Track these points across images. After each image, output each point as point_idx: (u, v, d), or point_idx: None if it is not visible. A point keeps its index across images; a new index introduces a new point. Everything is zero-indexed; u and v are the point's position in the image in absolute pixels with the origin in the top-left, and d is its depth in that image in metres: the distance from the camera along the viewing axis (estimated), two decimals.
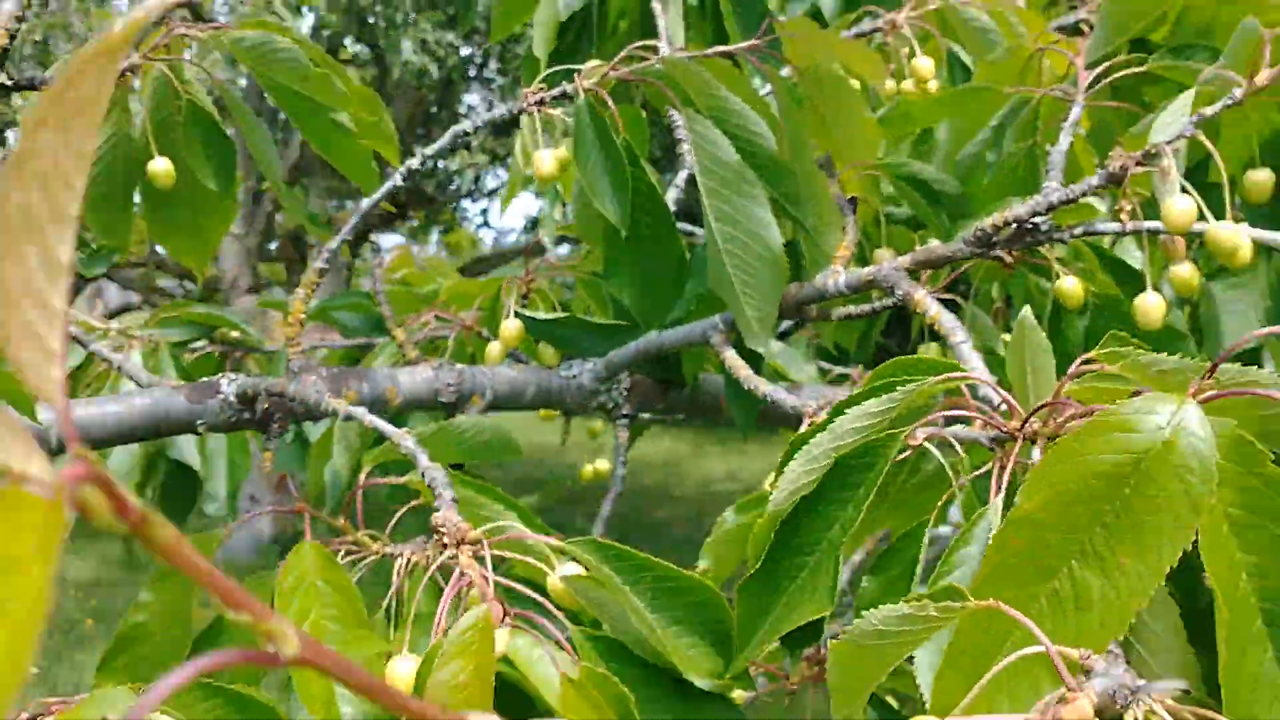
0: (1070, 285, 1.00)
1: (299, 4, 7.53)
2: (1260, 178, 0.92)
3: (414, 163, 1.12)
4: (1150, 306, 0.89)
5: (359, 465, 1.19)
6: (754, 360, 1.10)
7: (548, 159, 1.03)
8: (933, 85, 1.43)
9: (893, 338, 2.33)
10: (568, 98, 1.09)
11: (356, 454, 1.32)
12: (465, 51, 7.52)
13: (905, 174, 1.14)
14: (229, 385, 1.09)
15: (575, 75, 1.07)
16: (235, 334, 1.77)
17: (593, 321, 1.29)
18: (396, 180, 1.12)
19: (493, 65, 8.23)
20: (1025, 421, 0.62)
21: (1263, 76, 0.85)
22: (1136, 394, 0.55)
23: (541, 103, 1.09)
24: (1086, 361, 0.62)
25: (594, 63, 1.11)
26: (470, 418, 1.13)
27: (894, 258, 1.16)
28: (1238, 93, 0.86)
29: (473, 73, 8.39)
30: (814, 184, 1.04)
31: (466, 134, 1.11)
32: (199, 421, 1.08)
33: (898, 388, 0.60)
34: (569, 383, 1.30)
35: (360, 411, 0.93)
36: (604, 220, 1.07)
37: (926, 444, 0.68)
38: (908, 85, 1.44)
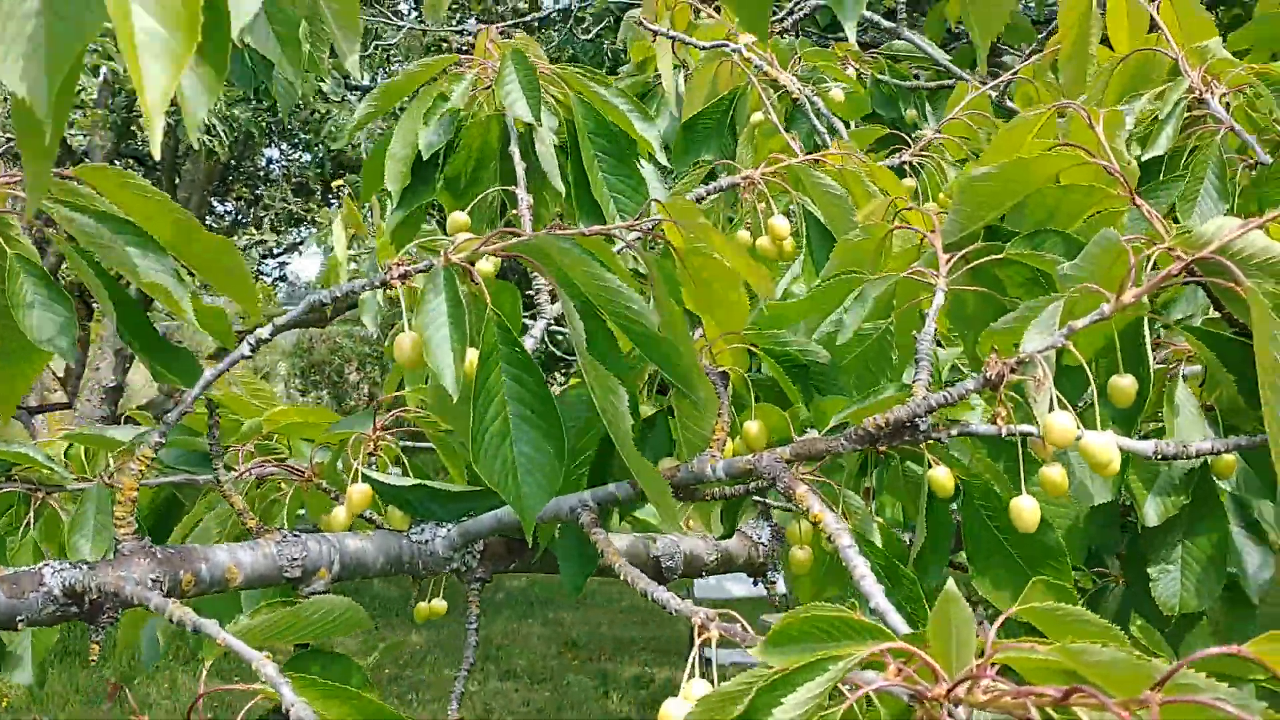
0: (942, 475, 1.01)
1: (95, 66, 7.24)
2: (1124, 383, 0.96)
3: (264, 333, 1.05)
4: (1025, 510, 0.91)
5: None
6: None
7: (408, 344, 0.97)
8: (788, 243, 1.45)
9: None
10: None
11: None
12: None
13: (774, 348, 1.14)
14: (53, 577, 0.98)
15: (443, 250, 1.03)
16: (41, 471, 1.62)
17: (446, 490, 1.23)
18: (244, 350, 1.04)
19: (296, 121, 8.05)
20: (951, 689, 0.61)
21: (1129, 295, 0.88)
22: (1073, 690, 0.55)
23: (406, 275, 1.04)
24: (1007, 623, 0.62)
25: (463, 234, 1.07)
26: (319, 599, 1.05)
27: (761, 429, 1.16)
28: (1106, 308, 0.89)
29: (274, 127, 8.19)
30: (691, 367, 1.02)
31: (324, 304, 1.05)
32: (19, 618, 0.97)
33: (829, 666, 0.58)
34: (420, 549, 1.24)
35: (210, 626, 0.85)
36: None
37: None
38: (764, 242, 1.46)
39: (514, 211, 1.40)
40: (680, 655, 6.61)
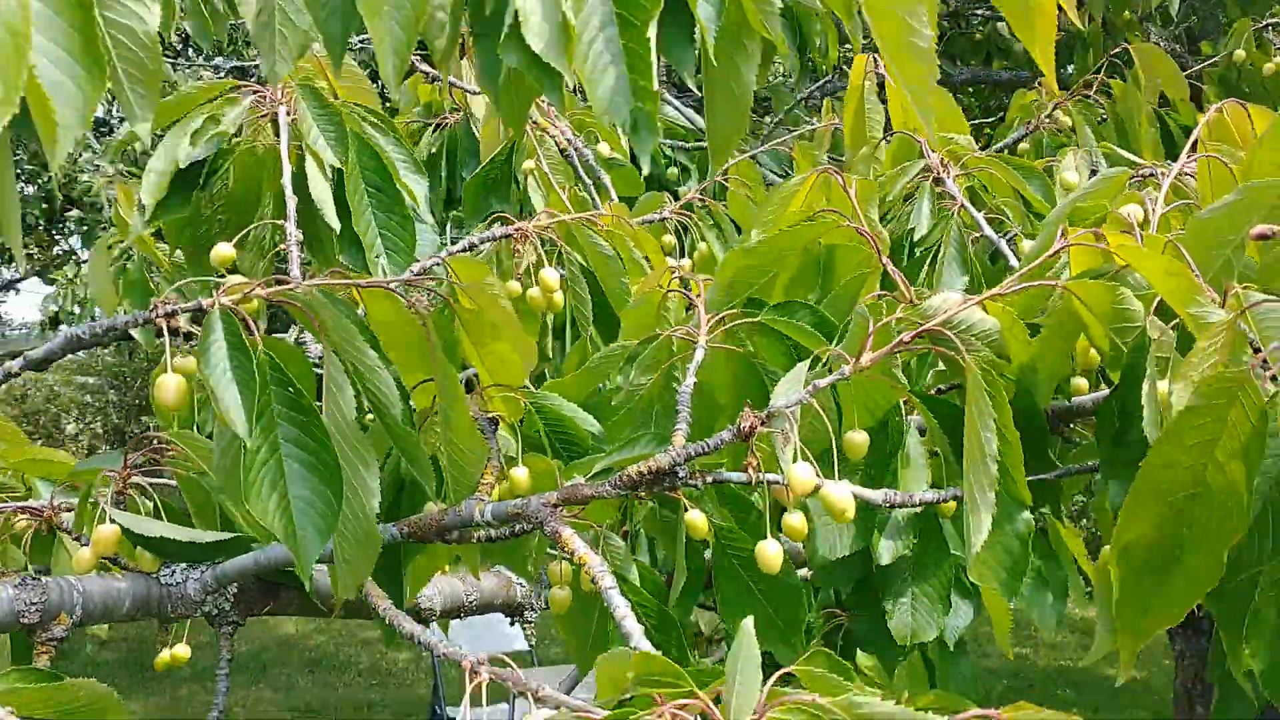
0: (696, 518, 1.07)
1: None
2: (857, 439, 1.05)
3: (14, 365, 1.01)
4: (770, 555, 0.98)
5: None
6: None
7: (171, 387, 0.95)
8: (558, 296, 1.50)
9: None
10: (202, 312, 1.03)
11: None
12: None
13: (541, 407, 1.18)
14: None
15: (213, 290, 1.02)
16: None
17: (196, 541, 1.20)
18: None
19: None
20: None
21: (866, 359, 0.98)
22: None
23: (173, 314, 1.02)
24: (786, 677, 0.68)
25: (235, 277, 1.06)
26: (80, 682, 0.99)
27: (528, 476, 1.19)
28: (846, 369, 0.98)
29: None
30: (458, 415, 1.05)
31: (81, 338, 1.02)
32: None
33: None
34: (170, 591, 1.20)
35: None
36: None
37: None
38: (534, 293, 1.50)
39: (282, 246, 1.39)
40: (420, 718, 6.44)
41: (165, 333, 1.01)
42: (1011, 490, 0.97)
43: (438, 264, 1.16)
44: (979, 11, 4.64)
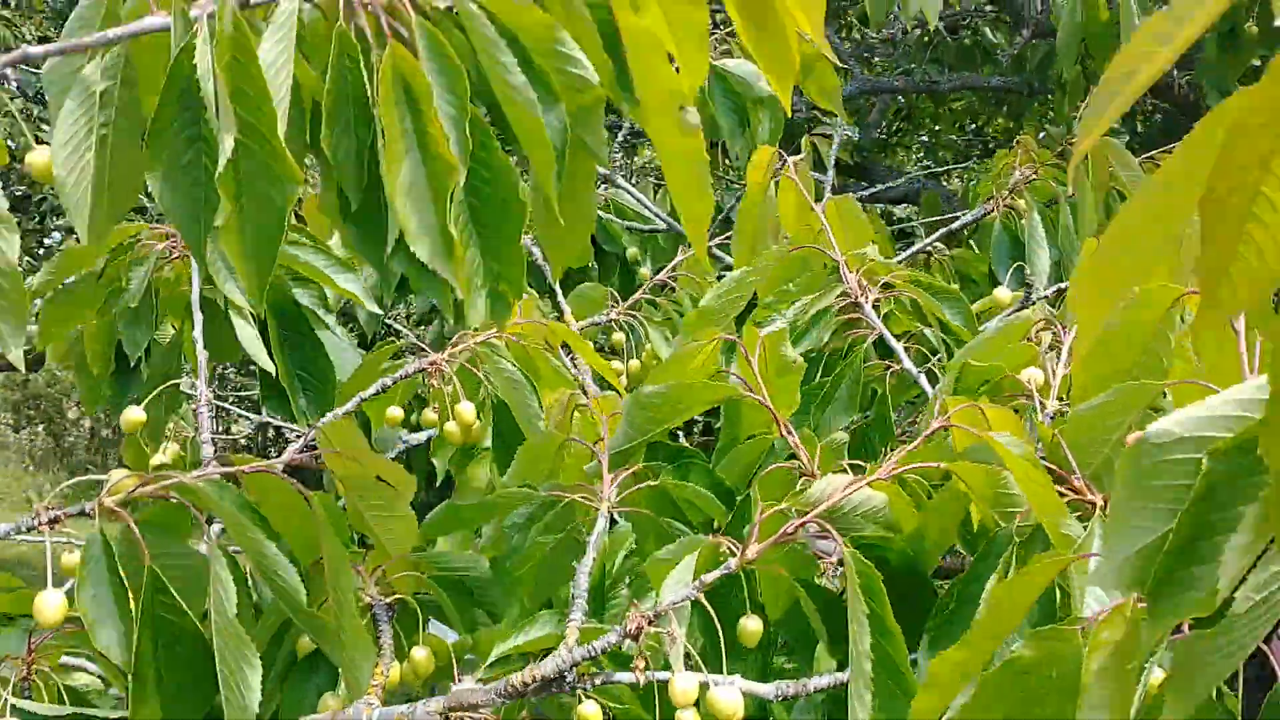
0: (590, 710, 1.06)
1: None
2: (750, 627, 1.04)
3: None
4: None
5: None
6: None
7: (53, 607, 0.95)
8: (476, 427, 1.49)
9: None
10: (86, 515, 1.02)
11: None
12: None
13: (440, 569, 1.17)
14: None
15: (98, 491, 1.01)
16: None
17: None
18: None
19: None
20: None
21: (751, 551, 0.96)
22: None
23: (56, 521, 1.01)
24: None
25: (119, 473, 1.05)
26: None
27: (428, 656, 1.18)
28: (732, 563, 0.97)
29: None
30: (347, 615, 1.04)
31: None
32: None
33: None
34: None
35: None
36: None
37: None
38: (451, 427, 1.49)
39: (191, 407, 1.38)
40: None
41: (46, 544, 1.00)
42: (901, 685, 0.95)
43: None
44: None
